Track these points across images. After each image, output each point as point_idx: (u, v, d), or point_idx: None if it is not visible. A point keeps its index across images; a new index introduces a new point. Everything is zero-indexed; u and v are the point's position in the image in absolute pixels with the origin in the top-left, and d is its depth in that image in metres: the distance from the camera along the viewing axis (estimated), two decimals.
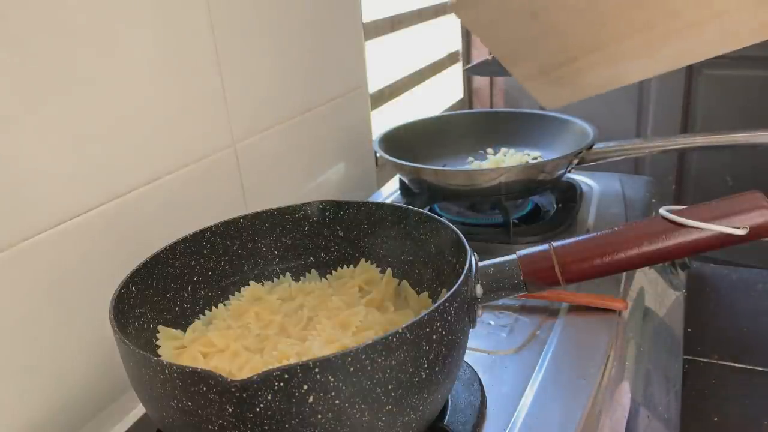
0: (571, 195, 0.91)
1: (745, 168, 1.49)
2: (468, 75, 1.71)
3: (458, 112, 1.19)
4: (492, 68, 1.54)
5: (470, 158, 0.98)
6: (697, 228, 0.47)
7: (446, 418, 0.50)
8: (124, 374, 0.43)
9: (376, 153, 1.09)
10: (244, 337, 0.52)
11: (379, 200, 0.96)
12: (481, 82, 1.73)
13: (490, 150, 0.99)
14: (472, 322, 0.47)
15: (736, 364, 0.93)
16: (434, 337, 0.41)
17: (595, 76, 0.74)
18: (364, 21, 1.06)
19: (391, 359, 0.38)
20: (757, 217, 0.46)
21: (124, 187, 0.61)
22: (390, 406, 0.39)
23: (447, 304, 0.42)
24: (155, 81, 0.64)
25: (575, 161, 0.86)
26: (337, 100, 0.97)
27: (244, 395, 0.35)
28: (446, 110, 1.60)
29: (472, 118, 1.06)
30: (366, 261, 0.60)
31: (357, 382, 0.37)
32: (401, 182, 0.94)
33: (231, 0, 0.72)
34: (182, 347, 0.51)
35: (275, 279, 0.60)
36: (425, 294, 0.56)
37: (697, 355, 0.95)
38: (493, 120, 1.02)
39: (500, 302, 0.67)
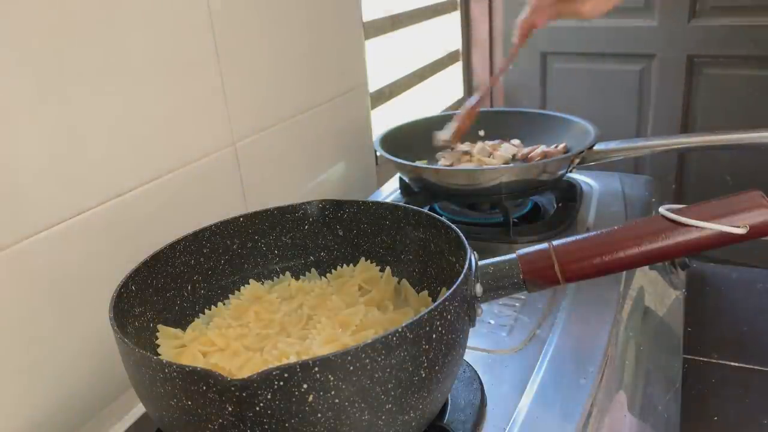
0: (571, 194, 0.91)
1: (745, 168, 1.49)
2: (467, 74, 1.71)
3: (458, 111, 1.19)
4: None
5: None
6: (697, 227, 0.46)
7: (446, 417, 0.50)
8: (124, 374, 0.43)
9: (376, 152, 1.09)
10: (244, 336, 0.52)
11: (379, 199, 0.96)
12: (481, 80, 1.73)
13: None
14: (472, 321, 0.47)
15: (736, 364, 0.93)
16: (434, 336, 0.41)
17: None
18: (365, 20, 1.06)
19: (390, 358, 0.38)
20: (757, 216, 0.46)
21: (124, 187, 0.61)
22: (390, 405, 0.39)
23: (447, 303, 0.42)
24: (155, 80, 0.64)
25: (576, 161, 0.86)
26: (337, 99, 0.97)
27: (244, 394, 0.35)
28: (446, 109, 1.60)
29: None
30: (366, 260, 0.60)
31: (357, 381, 0.37)
32: (401, 181, 0.94)
33: (231, 0, 0.72)
34: (182, 346, 0.51)
35: (275, 278, 0.60)
36: (425, 293, 0.56)
37: (697, 354, 0.95)
38: (494, 119, 1.02)
39: (500, 302, 0.67)
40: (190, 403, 0.37)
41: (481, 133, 1.01)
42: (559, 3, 0.78)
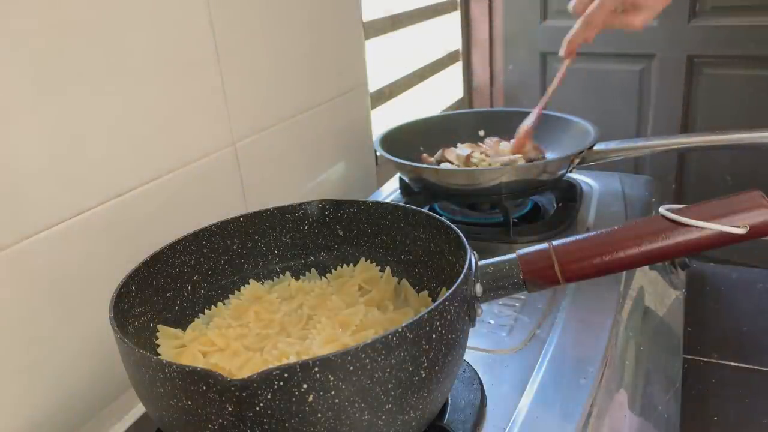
0: (571, 194, 0.91)
1: (745, 168, 1.49)
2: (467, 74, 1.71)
3: (458, 111, 1.19)
4: None
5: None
6: (697, 227, 0.46)
7: (446, 417, 0.50)
8: (124, 374, 0.43)
9: (376, 152, 1.09)
10: (244, 336, 0.52)
11: (379, 199, 0.96)
12: (481, 81, 1.73)
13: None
14: (472, 321, 0.47)
15: (736, 364, 0.93)
16: (434, 336, 0.41)
17: None
18: (365, 20, 1.06)
19: (390, 358, 0.38)
20: (757, 216, 0.46)
21: (124, 187, 0.61)
22: (390, 405, 0.39)
23: (447, 303, 0.42)
24: (155, 80, 0.64)
25: (576, 161, 0.86)
26: (337, 99, 0.97)
27: (244, 394, 0.35)
28: (446, 109, 1.60)
29: (472, 117, 1.06)
30: (366, 260, 0.60)
31: (357, 381, 0.37)
32: (401, 181, 0.94)
33: (231, 0, 0.72)
34: (182, 346, 0.51)
35: (275, 278, 0.60)
36: (425, 293, 0.56)
37: (697, 354, 0.95)
38: (494, 119, 1.02)
39: (500, 302, 0.67)
40: (190, 403, 0.37)
41: (481, 133, 1.02)
42: (610, 16, 0.77)
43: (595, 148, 0.88)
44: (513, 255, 0.50)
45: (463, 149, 0.93)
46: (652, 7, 0.76)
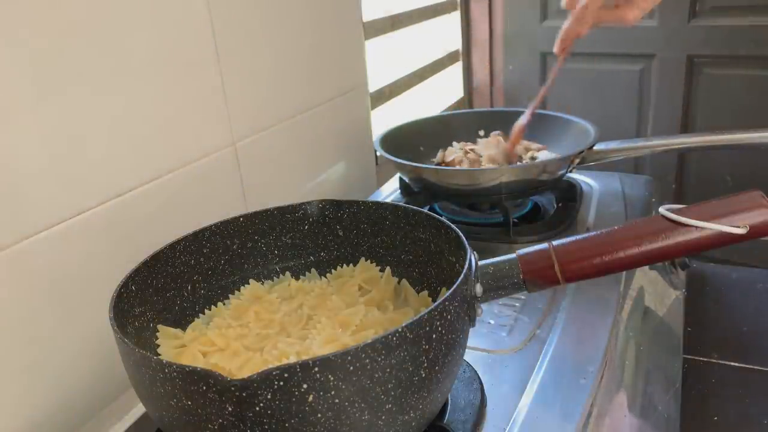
0: (571, 194, 0.91)
1: (745, 168, 1.49)
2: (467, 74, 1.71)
3: (458, 111, 1.19)
4: None
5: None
6: (697, 227, 0.46)
7: (446, 417, 0.50)
8: (124, 374, 0.43)
9: (376, 152, 1.09)
10: (243, 336, 0.52)
11: (379, 199, 0.96)
12: (481, 81, 1.73)
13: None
14: (472, 321, 0.47)
15: (736, 364, 0.93)
16: (434, 336, 0.41)
17: None
18: (364, 20, 1.06)
19: (390, 358, 0.38)
20: (757, 216, 0.46)
21: (124, 187, 0.61)
22: (390, 405, 0.39)
23: (447, 303, 0.42)
24: (155, 80, 0.64)
25: (576, 161, 0.86)
26: (337, 100, 0.97)
27: (244, 394, 0.35)
28: (446, 109, 1.60)
29: (472, 117, 1.06)
30: (366, 260, 0.60)
31: (357, 381, 0.37)
32: (401, 181, 0.94)
33: (231, 0, 0.72)
34: (182, 346, 0.51)
35: (275, 278, 0.60)
36: (425, 293, 0.56)
37: (697, 354, 0.95)
38: (494, 119, 1.02)
39: (500, 302, 0.67)
40: (190, 403, 0.37)
41: (481, 132, 1.02)
42: (602, 11, 0.77)
43: (595, 148, 0.88)
44: (513, 255, 0.50)
45: (456, 150, 0.94)
46: (644, 2, 0.76)
